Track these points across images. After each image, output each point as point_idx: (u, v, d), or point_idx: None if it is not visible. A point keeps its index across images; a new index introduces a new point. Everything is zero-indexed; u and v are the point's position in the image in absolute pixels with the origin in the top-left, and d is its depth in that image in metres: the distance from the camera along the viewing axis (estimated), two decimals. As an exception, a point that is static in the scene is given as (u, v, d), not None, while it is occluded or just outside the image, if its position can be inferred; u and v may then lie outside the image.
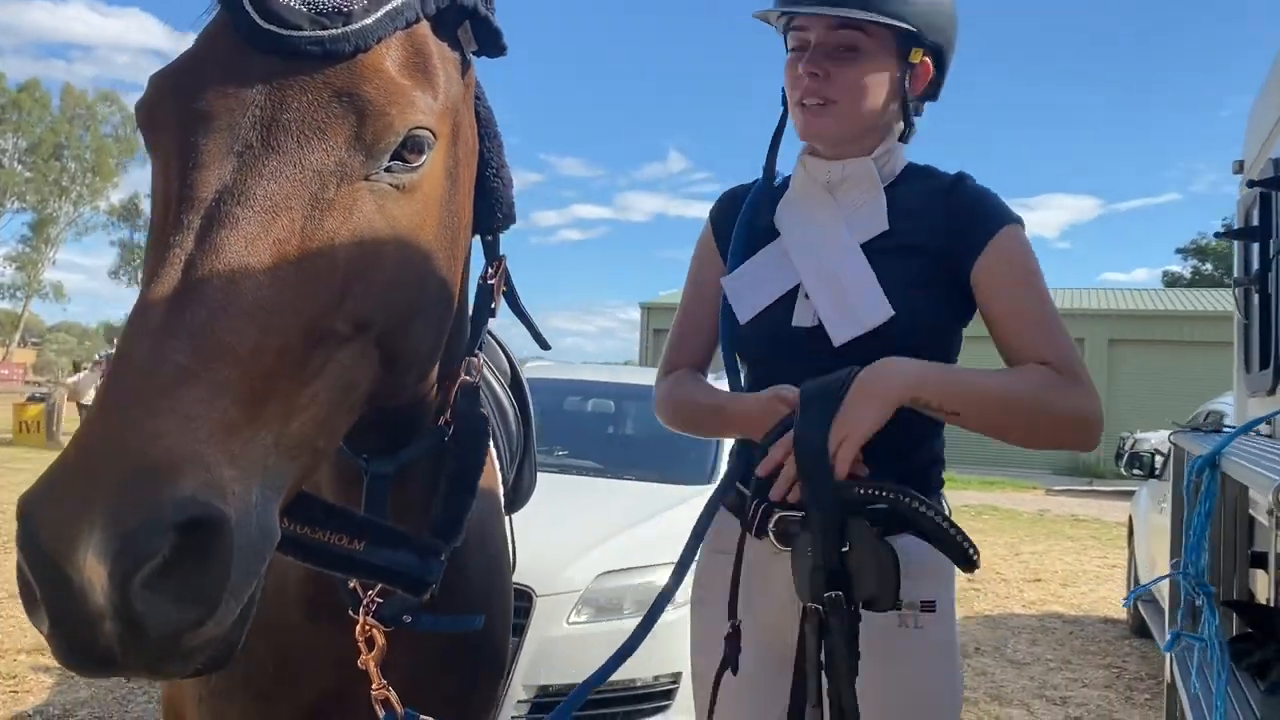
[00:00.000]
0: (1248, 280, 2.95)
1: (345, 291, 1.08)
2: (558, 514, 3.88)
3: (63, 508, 0.88)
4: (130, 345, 0.95)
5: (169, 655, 0.92)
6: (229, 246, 1.00)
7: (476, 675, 1.79)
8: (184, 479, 0.89)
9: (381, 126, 1.12)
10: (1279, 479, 1.11)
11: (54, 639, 0.90)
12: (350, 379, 1.12)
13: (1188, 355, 28.00)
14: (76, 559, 0.86)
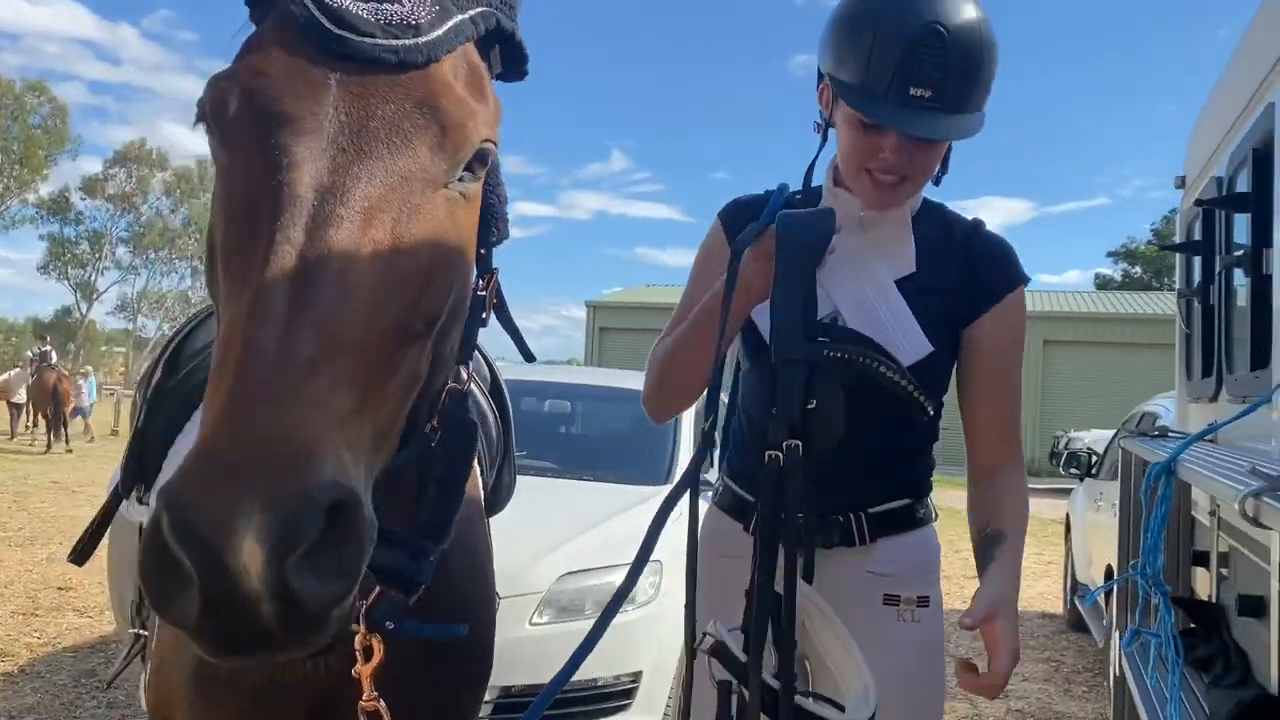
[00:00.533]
0: (1190, 292, 3.09)
1: (424, 291, 1.14)
2: (518, 515, 3.88)
3: (217, 495, 0.90)
4: (257, 335, 0.98)
5: (319, 628, 0.96)
6: (338, 244, 1.04)
7: (463, 683, 1.80)
8: (326, 464, 0.94)
9: (461, 138, 1.18)
10: (1241, 488, 1.20)
11: (207, 624, 0.92)
12: (416, 376, 1.18)
13: (1120, 356, 28.75)
14: (235, 544, 0.88)
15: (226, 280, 1.08)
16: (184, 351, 2.24)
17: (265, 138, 1.10)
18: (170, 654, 1.73)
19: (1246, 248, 2.31)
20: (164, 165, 55.54)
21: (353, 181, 1.08)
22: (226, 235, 1.11)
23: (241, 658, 0.96)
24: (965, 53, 1.57)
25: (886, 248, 1.73)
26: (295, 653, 0.98)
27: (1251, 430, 2.16)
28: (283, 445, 0.93)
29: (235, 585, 0.89)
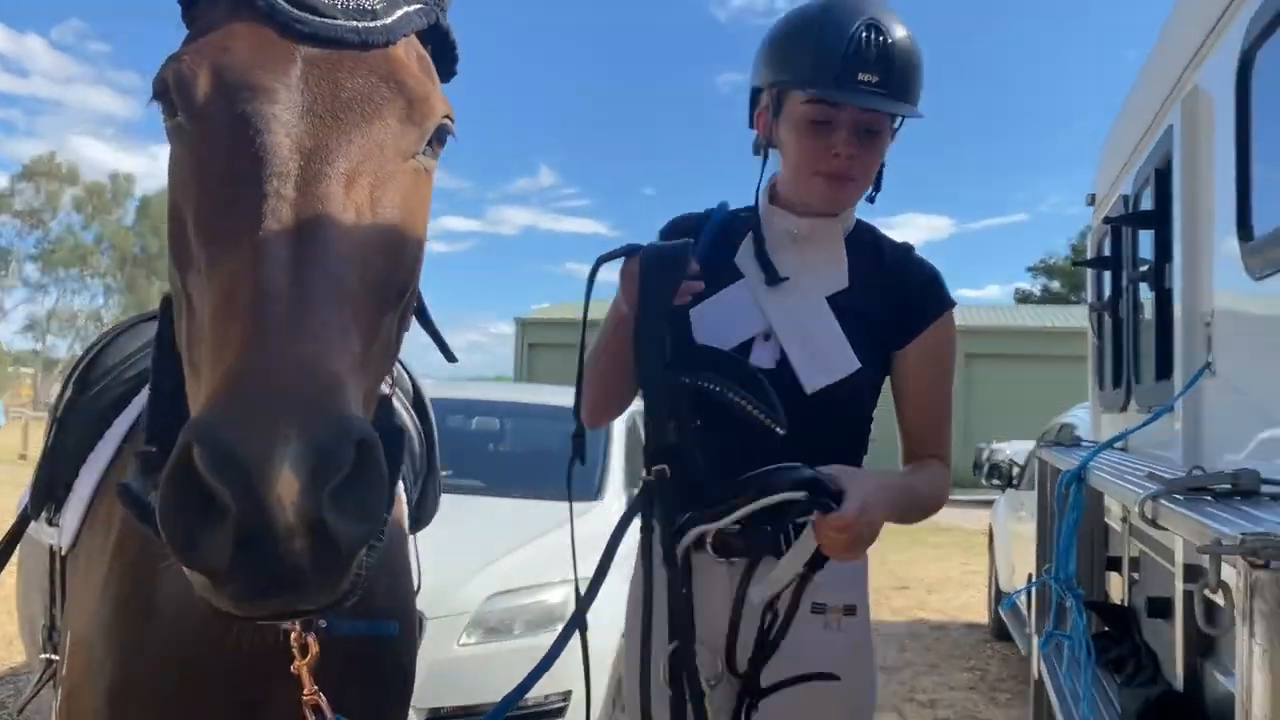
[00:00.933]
0: (1101, 306, 3.20)
1: (399, 257, 1.18)
2: (446, 535, 3.84)
3: (252, 425, 0.89)
4: (269, 278, 0.99)
5: (345, 572, 0.96)
6: (329, 201, 1.08)
7: (384, 692, 1.79)
8: (352, 399, 0.95)
9: (427, 110, 1.23)
10: (1141, 492, 1.25)
11: (240, 566, 0.90)
12: (389, 349, 1.21)
13: (1040, 369, 29.43)
14: (272, 474, 0.87)
15: (209, 242, 1.09)
16: (95, 369, 2.19)
17: (240, 107, 1.12)
18: (82, 679, 1.69)
19: (1150, 263, 2.41)
20: (74, 180, 53.93)
21: (333, 144, 1.12)
22: (205, 200, 1.12)
23: (270, 603, 0.94)
24: (902, 46, 1.69)
25: (820, 265, 1.79)
26: (322, 599, 0.97)
27: (1157, 438, 2.25)
28: (312, 378, 0.94)
29: (272, 517, 0.88)
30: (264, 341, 0.95)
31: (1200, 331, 1.98)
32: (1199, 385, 1.93)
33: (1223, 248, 1.82)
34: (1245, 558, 0.83)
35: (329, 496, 0.91)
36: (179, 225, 1.17)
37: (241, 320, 0.98)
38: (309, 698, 1.44)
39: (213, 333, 1.02)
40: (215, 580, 0.93)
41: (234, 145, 1.11)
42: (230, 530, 0.90)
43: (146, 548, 1.62)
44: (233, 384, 0.93)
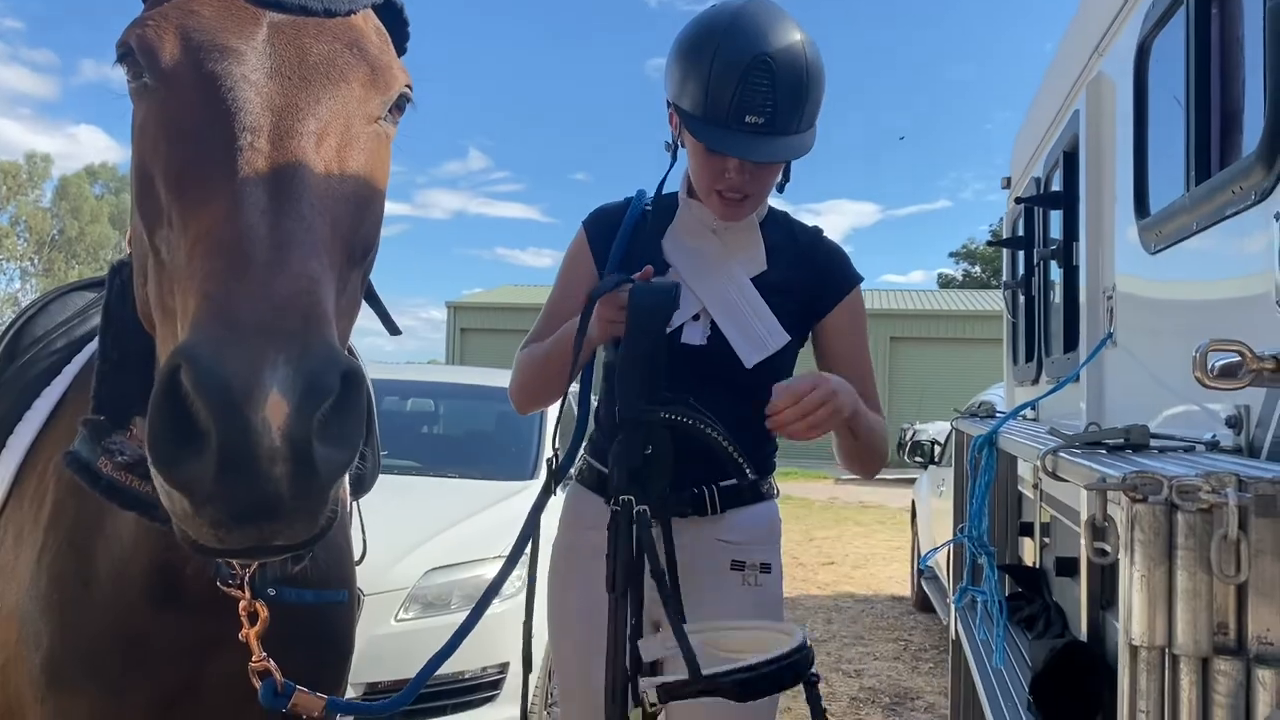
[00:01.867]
0: (1014, 283, 3.34)
1: (364, 215, 1.22)
2: (382, 513, 3.88)
3: (241, 349, 0.91)
4: (250, 220, 1.02)
5: (323, 501, 0.97)
6: (301, 155, 1.11)
7: (324, 656, 1.81)
8: (335, 334, 0.99)
9: (390, 77, 1.27)
10: (1043, 448, 1.35)
11: (222, 488, 0.91)
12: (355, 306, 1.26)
13: (961, 351, 30.08)
14: (259, 395, 0.89)
15: (182, 196, 1.11)
16: (24, 339, 2.17)
17: (208, 67, 1.15)
18: (16, 652, 1.69)
19: (1059, 242, 2.54)
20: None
21: (302, 104, 1.16)
22: (175, 157, 1.14)
23: (248, 529, 0.95)
24: (792, 79, 1.74)
25: (739, 250, 1.92)
26: (300, 531, 0.98)
27: (1065, 407, 2.38)
28: (300, 306, 0.96)
29: (256, 440, 0.90)
30: (248, 273, 0.98)
31: (1103, 305, 2.10)
32: (1101, 355, 2.05)
33: (1123, 225, 1.94)
34: (1126, 493, 0.92)
35: (318, 422, 0.94)
36: (147, 182, 1.19)
37: (224, 256, 1.00)
38: (257, 663, 1.46)
39: (191, 271, 1.03)
40: (195, 501, 0.93)
41: (205, 103, 1.15)
42: (214, 450, 0.91)
43: (84, 518, 1.63)
44: (218, 310, 0.95)
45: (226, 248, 1.00)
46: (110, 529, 1.57)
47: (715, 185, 1.84)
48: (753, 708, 1.72)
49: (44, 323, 2.19)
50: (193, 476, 0.92)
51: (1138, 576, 0.90)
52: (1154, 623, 0.89)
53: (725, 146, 1.76)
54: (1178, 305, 1.65)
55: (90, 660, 1.60)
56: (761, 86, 1.72)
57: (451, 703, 3.74)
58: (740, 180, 1.81)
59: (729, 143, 1.75)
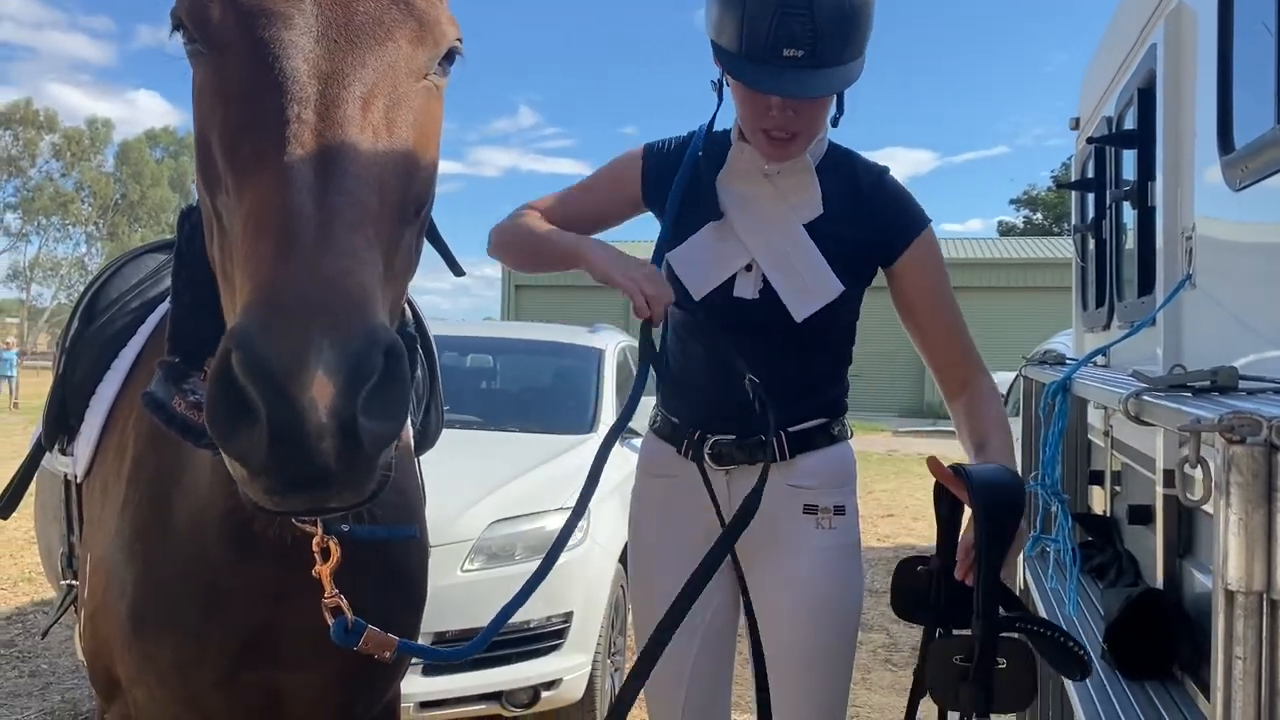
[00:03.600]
0: (1084, 227, 3.25)
1: (414, 174, 1.22)
2: (446, 467, 3.92)
3: (287, 332, 0.95)
4: (295, 199, 1.04)
5: (371, 471, 1.02)
6: (348, 124, 1.12)
7: (399, 597, 1.86)
8: (380, 309, 1.02)
9: (438, 32, 1.27)
10: (1124, 391, 1.31)
11: (272, 462, 0.97)
12: (409, 263, 1.27)
13: (1024, 300, 29.54)
14: (305, 378, 0.94)
15: (235, 165, 1.13)
16: (101, 300, 2.22)
17: (257, 33, 1.15)
18: (104, 600, 1.75)
19: (1133, 182, 2.46)
20: (53, 127, 53.02)
21: (349, 68, 1.16)
22: (228, 124, 1.16)
23: (299, 497, 1.01)
24: (833, 5, 1.63)
25: (793, 195, 1.84)
26: (349, 497, 1.03)
27: (1140, 352, 2.32)
28: (343, 288, 0.99)
29: (303, 420, 0.94)
30: (294, 256, 1.00)
31: (1181, 246, 2.04)
32: (1179, 298, 1.99)
33: (1204, 161, 1.87)
34: (1223, 434, 0.89)
35: (364, 399, 0.97)
36: (206, 147, 1.21)
37: (271, 236, 1.02)
38: (329, 600, 1.49)
39: (243, 249, 1.06)
40: (250, 471, 0.99)
41: (253, 71, 1.15)
42: (264, 429, 0.95)
43: (161, 471, 1.68)
44: (266, 295, 0.99)
45: (273, 229, 1.03)
46: (188, 481, 1.61)
47: (760, 125, 1.76)
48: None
49: (119, 285, 2.25)
50: (247, 449, 0.97)
51: (1235, 520, 0.87)
52: (1252, 568, 0.87)
53: (762, 83, 1.68)
54: (1264, 243, 1.59)
55: (171, 608, 1.65)
56: (799, 16, 1.62)
57: (516, 651, 3.79)
58: (784, 118, 1.72)
59: (766, 79, 1.67)
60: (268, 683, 1.70)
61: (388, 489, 1.77)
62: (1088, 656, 1.50)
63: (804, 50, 1.64)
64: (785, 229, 1.82)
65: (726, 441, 1.86)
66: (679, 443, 1.91)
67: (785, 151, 1.79)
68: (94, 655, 1.83)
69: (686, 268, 1.88)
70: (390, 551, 1.77)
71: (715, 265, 1.85)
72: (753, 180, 1.85)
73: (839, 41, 1.65)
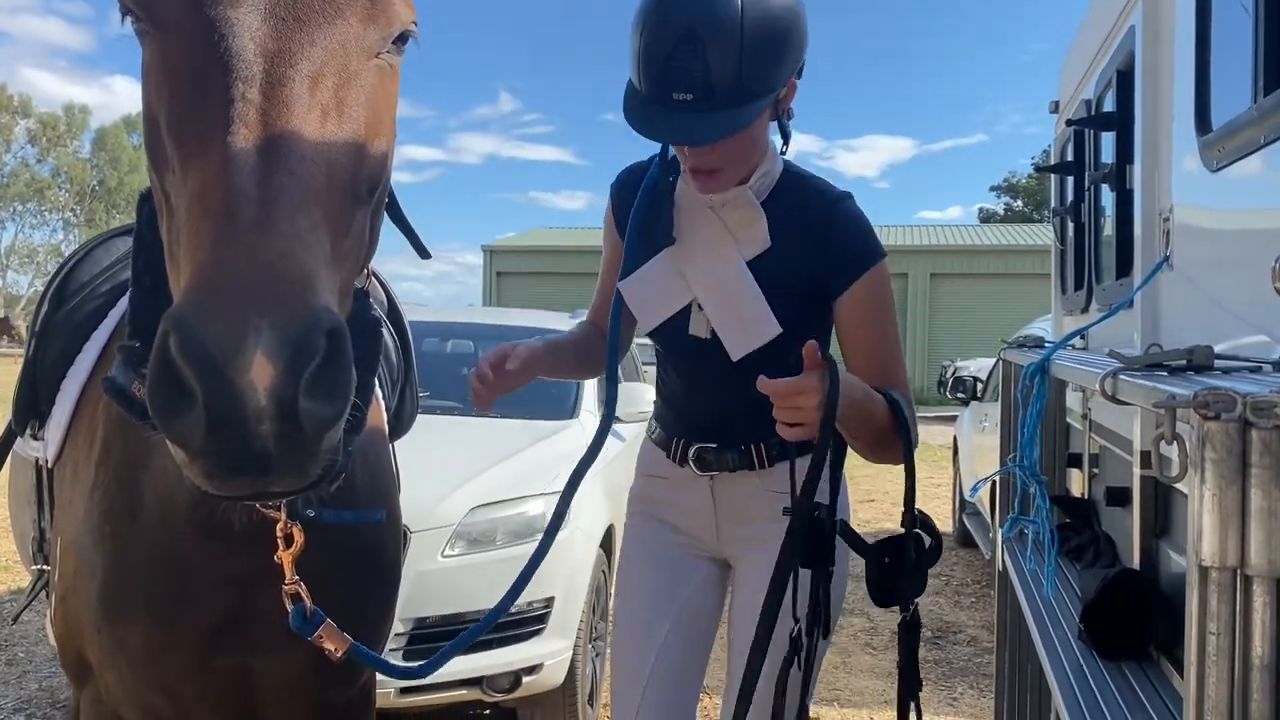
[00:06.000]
0: (1063, 211, 3.26)
1: (366, 153, 1.20)
2: (426, 452, 3.92)
3: (225, 315, 0.93)
4: (237, 180, 1.02)
5: (313, 455, 1.01)
6: (294, 104, 1.10)
7: (367, 585, 1.86)
8: (322, 290, 1.00)
9: (391, 13, 1.25)
10: (1101, 371, 1.32)
11: (210, 445, 0.95)
12: (362, 243, 1.25)
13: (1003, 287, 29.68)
14: (243, 361, 0.92)
15: (181, 145, 1.11)
16: (71, 284, 2.20)
17: (203, 11, 1.14)
18: (74, 583, 1.74)
19: (1111, 165, 2.46)
20: (27, 112, 52.42)
21: (297, 46, 1.14)
22: (175, 104, 1.14)
23: (239, 481, 0.99)
24: (727, 48, 1.56)
25: (739, 230, 1.80)
26: (290, 482, 1.02)
27: (1118, 334, 2.32)
28: (283, 270, 0.98)
29: (241, 403, 0.93)
30: (234, 238, 0.99)
31: (1159, 227, 2.04)
32: (1156, 280, 2.00)
33: (1182, 143, 1.87)
34: (1198, 410, 0.89)
35: (304, 383, 0.96)
36: (154, 127, 1.19)
37: (212, 219, 1.01)
38: (289, 586, 1.49)
39: (187, 230, 1.05)
40: (189, 454, 0.98)
41: (198, 50, 1.13)
42: (201, 412, 0.94)
43: (130, 454, 1.66)
44: (205, 277, 0.97)
45: (214, 210, 1.01)
46: (156, 465, 1.60)
47: (685, 163, 1.73)
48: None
49: (89, 269, 2.22)
50: (185, 431, 0.96)
51: (1209, 496, 0.87)
52: (1226, 543, 0.87)
53: (647, 129, 1.65)
54: (1241, 223, 1.60)
55: (141, 590, 1.64)
56: (687, 60, 1.57)
57: (498, 636, 3.79)
58: (698, 157, 1.68)
59: (656, 123, 1.63)
60: (240, 668, 1.69)
61: (359, 468, 1.77)
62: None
63: (694, 94, 1.58)
64: (728, 267, 1.79)
65: (709, 449, 1.93)
66: (668, 448, 1.99)
67: (712, 185, 1.75)
68: (65, 639, 1.82)
69: (635, 302, 1.89)
70: (362, 534, 1.76)
71: (660, 301, 1.85)
72: (699, 213, 1.82)
73: (735, 82, 1.58)
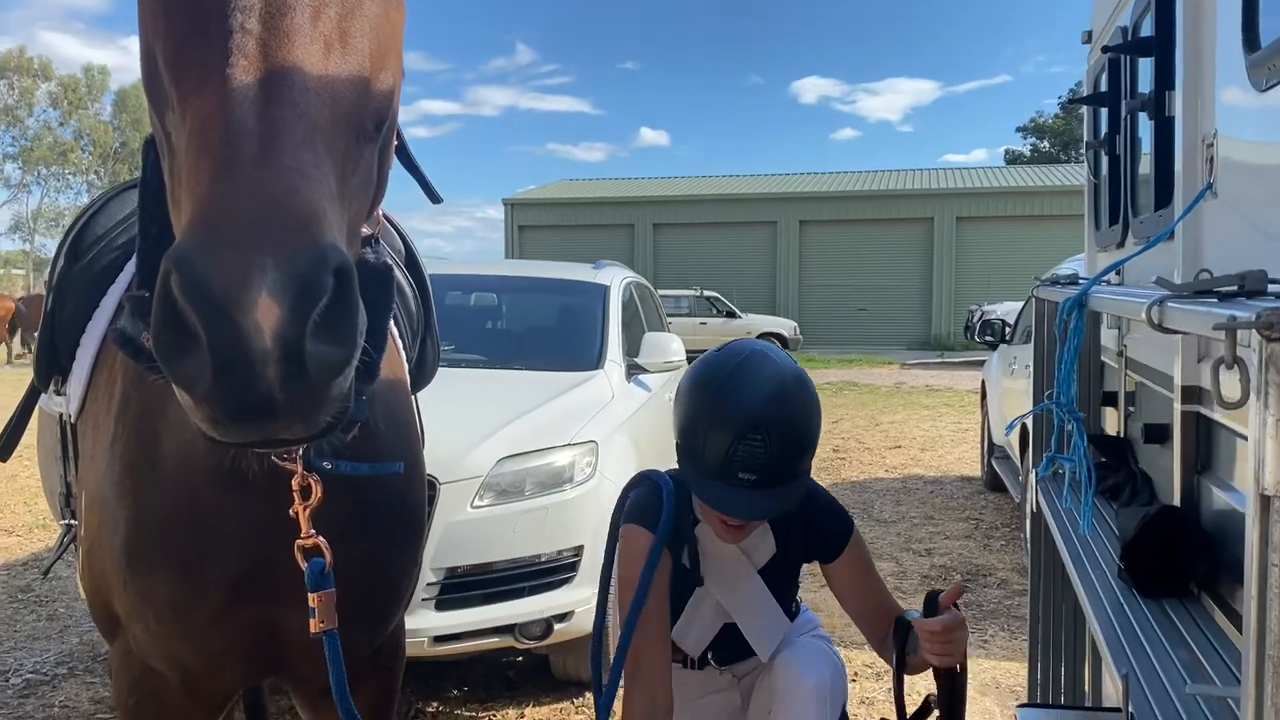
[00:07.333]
0: (1097, 143, 3.17)
1: (371, 85, 1.16)
2: (453, 405, 3.92)
3: (229, 254, 0.90)
4: (239, 114, 0.98)
5: (320, 401, 0.97)
6: (295, 34, 1.06)
7: (393, 536, 1.85)
8: (329, 227, 0.96)
9: None
10: (1148, 299, 1.27)
11: (215, 389, 0.92)
12: (369, 182, 1.20)
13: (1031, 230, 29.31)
14: (248, 301, 0.89)
15: (179, 80, 1.08)
16: (86, 238, 2.18)
17: None
18: (99, 536, 1.74)
19: (1150, 92, 2.38)
20: (48, 75, 52.43)
21: None
22: (172, 38, 1.10)
23: (245, 427, 0.97)
24: (787, 440, 1.91)
25: (753, 552, 2.15)
26: (298, 429, 1.00)
27: (1155, 268, 2.26)
28: (288, 206, 0.94)
29: (246, 344, 0.90)
30: (236, 173, 0.95)
31: (1201, 154, 1.97)
32: (1199, 208, 1.93)
33: (1226, 64, 1.79)
34: (1260, 331, 0.85)
35: (312, 324, 0.93)
36: (151, 62, 1.15)
37: (213, 155, 0.97)
38: (305, 540, 1.47)
39: (187, 168, 1.01)
40: (195, 397, 0.95)
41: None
42: (206, 353, 0.91)
43: (148, 406, 1.65)
44: (207, 214, 0.93)
45: (215, 146, 0.97)
46: (174, 414, 1.58)
47: (719, 521, 2.04)
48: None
49: (104, 222, 2.20)
50: (190, 374, 0.93)
51: (1272, 421, 0.83)
52: (1289, 470, 0.82)
53: (719, 504, 1.96)
54: (1292, 145, 1.53)
55: (163, 542, 1.64)
56: (754, 447, 1.88)
57: (529, 585, 3.81)
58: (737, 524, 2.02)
59: (716, 499, 1.95)
60: (266, 619, 1.68)
61: (381, 418, 1.75)
62: None
63: (755, 475, 1.90)
64: (748, 585, 2.14)
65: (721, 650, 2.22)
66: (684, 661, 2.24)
67: (737, 537, 2.06)
68: (93, 592, 1.83)
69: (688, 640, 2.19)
70: (387, 484, 1.75)
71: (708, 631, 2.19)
72: (719, 545, 2.12)
73: (787, 465, 1.93)
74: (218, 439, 0.99)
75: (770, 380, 1.92)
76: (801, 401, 1.95)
